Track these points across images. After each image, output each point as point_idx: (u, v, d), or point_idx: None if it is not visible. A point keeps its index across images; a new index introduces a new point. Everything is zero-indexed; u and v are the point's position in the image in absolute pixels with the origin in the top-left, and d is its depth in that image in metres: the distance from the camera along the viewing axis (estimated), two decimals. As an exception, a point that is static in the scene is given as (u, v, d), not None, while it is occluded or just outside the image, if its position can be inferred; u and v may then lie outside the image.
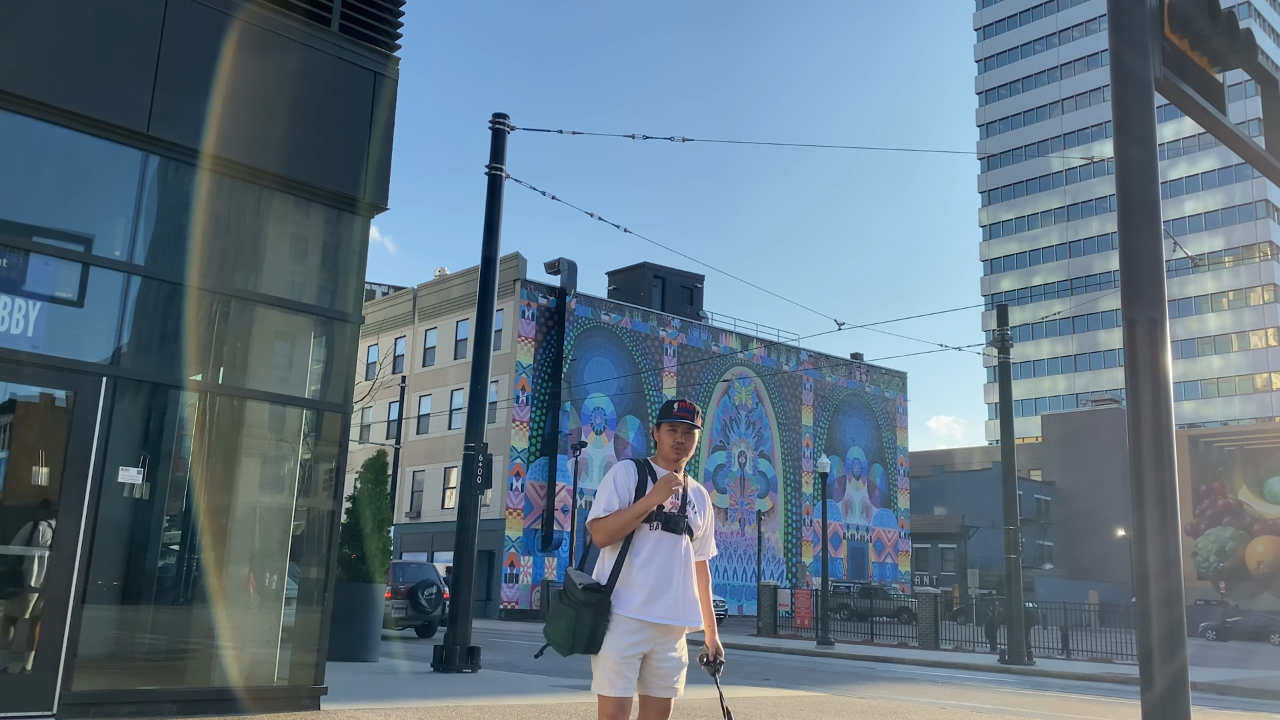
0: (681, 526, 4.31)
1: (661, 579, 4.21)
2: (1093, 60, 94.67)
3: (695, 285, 50.89)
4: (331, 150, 9.19)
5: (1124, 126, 4.60)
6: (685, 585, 4.26)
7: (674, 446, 4.39)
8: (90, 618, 7.60)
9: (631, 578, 4.21)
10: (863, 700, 12.86)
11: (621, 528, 4.25)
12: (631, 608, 4.17)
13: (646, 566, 4.21)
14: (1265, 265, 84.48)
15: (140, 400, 8.44)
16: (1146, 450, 4.23)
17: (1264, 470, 59.01)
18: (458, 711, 9.16)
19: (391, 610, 21.53)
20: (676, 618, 4.21)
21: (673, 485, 4.28)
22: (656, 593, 4.19)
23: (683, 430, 4.40)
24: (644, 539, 4.26)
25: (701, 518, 4.42)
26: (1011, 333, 24.84)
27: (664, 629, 4.21)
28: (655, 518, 4.28)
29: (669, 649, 4.23)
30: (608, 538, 4.29)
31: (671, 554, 4.26)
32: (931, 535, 67.40)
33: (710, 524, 4.51)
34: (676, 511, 4.32)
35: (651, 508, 4.25)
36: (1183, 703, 4.02)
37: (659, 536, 4.27)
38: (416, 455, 45.69)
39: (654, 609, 4.18)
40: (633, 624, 4.16)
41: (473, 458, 14.21)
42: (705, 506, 4.49)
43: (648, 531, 4.27)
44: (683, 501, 4.36)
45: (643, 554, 4.24)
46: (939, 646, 27.16)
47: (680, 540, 4.30)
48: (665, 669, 4.22)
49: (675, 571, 4.24)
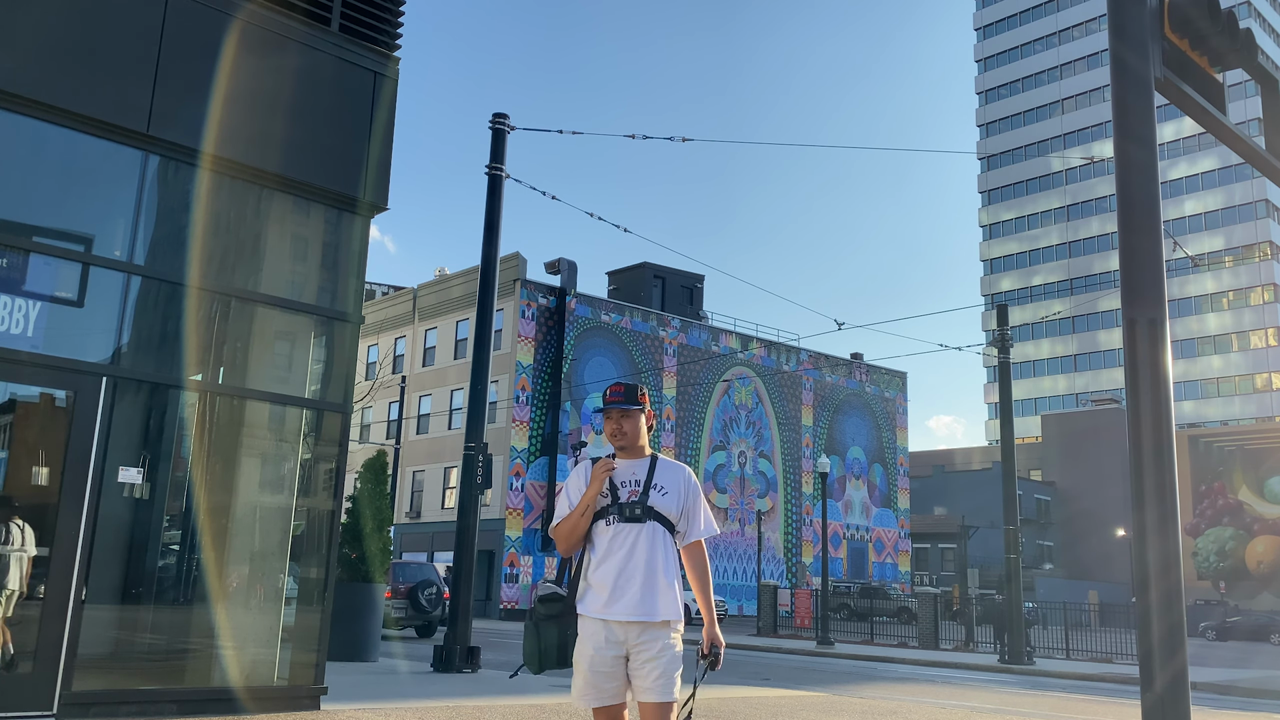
0: (640, 514, 4.00)
1: (623, 574, 3.93)
2: (1093, 60, 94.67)
3: (695, 285, 50.89)
4: (331, 150, 9.19)
5: (1124, 126, 4.60)
6: (653, 577, 3.95)
7: (610, 435, 4.15)
8: (90, 618, 7.60)
9: (592, 577, 3.99)
10: (863, 700, 12.86)
11: (572, 530, 4.04)
12: (594, 609, 3.94)
13: (606, 563, 3.97)
14: (1265, 265, 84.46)
15: (140, 400, 8.44)
16: (1146, 450, 4.23)
17: (1264, 470, 58.99)
18: (458, 711, 9.15)
19: (391, 610, 21.53)
20: (642, 613, 3.90)
21: (605, 469, 4.03)
22: (620, 589, 3.92)
23: (617, 415, 4.13)
24: (601, 535, 4.03)
25: (674, 498, 4.08)
26: (1011, 333, 24.83)
27: (637, 627, 3.91)
28: (611, 510, 4.03)
29: (649, 649, 3.91)
30: (566, 544, 4.08)
31: (634, 545, 3.96)
32: (931, 535, 67.38)
33: (693, 502, 4.13)
34: (635, 498, 4.03)
35: (590, 503, 4.02)
36: (1183, 703, 4.02)
37: (616, 529, 4.00)
38: (416, 455, 45.69)
39: (616, 607, 3.91)
40: (596, 625, 3.93)
41: (473, 458, 14.21)
42: (680, 485, 4.13)
43: (604, 527, 4.03)
44: (645, 486, 4.06)
45: (600, 550, 4.00)
46: (939, 646, 27.16)
47: (643, 529, 3.99)
48: (648, 671, 3.89)
49: (639, 564, 3.94)
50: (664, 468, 4.15)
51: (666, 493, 4.08)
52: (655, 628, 3.93)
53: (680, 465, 4.22)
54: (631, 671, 3.92)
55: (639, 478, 4.09)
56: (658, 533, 4.02)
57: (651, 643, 3.91)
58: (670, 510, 4.06)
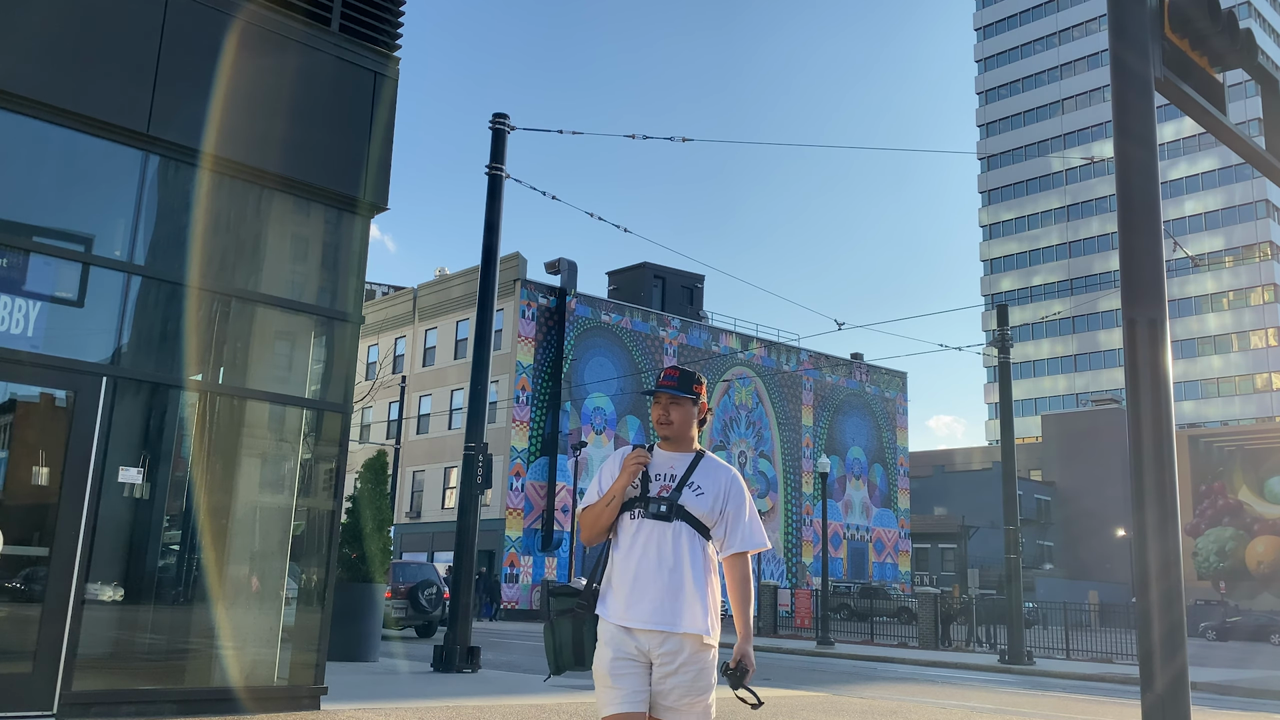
0: (666, 511, 3.63)
1: (642, 575, 3.57)
2: (1093, 60, 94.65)
3: (695, 285, 50.90)
4: (332, 150, 9.19)
5: (1124, 126, 4.59)
6: (678, 583, 3.56)
7: (656, 421, 3.82)
8: (90, 618, 7.60)
9: (613, 576, 3.66)
10: (863, 700, 12.86)
11: (596, 519, 3.70)
12: (614, 613, 3.60)
13: (627, 561, 3.61)
14: (1265, 265, 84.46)
15: (140, 400, 8.44)
16: (1146, 450, 4.23)
17: (1264, 470, 58.98)
18: (458, 711, 9.15)
19: (391, 610, 21.53)
20: (662, 622, 3.53)
21: (636, 463, 3.69)
22: (638, 592, 3.56)
23: (665, 400, 3.79)
24: (625, 530, 3.68)
25: (709, 500, 3.68)
26: (1011, 333, 24.83)
27: (658, 636, 3.54)
28: (638, 504, 3.68)
29: (674, 661, 3.53)
30: (588, 533, 3.75)
31: (659, 545, 3.59)
32: (931, 535, 67.34)
33: (734, 508, 3.71)
34: (667, 494, 3.66)
35: (620, 492, 3.67)
36: (1183, 703, 4.02)
37: (640, 525, 3.64)
38: (416, 455, 45.69)
39: (633, 612, 3.56)
40: (614, 631, 3.57)
41: (473, 458, 14.21)
42: (720, 487, 3.72)
43: (629, 521, 3.68)
44: (680, 483, 3.68)
45: (623, 547, 3.66)
46: (939, 647, 27.16)
47: (670, 528, 3.61)
48: (669, 688, 3.54)
49: (663, 566, 3.57)
50: (707, 466, 3.77)
51: (702, 493, 3.68)
52: (679, 639, 3.55)
53: (727, 467, 3.81)
54: (655, 686, 3.56)
55: (676, 473, 3.72)
56: (689, 535, 3.64)
57: (674, 656, 3.54)
58: (703, 513, 3.66)
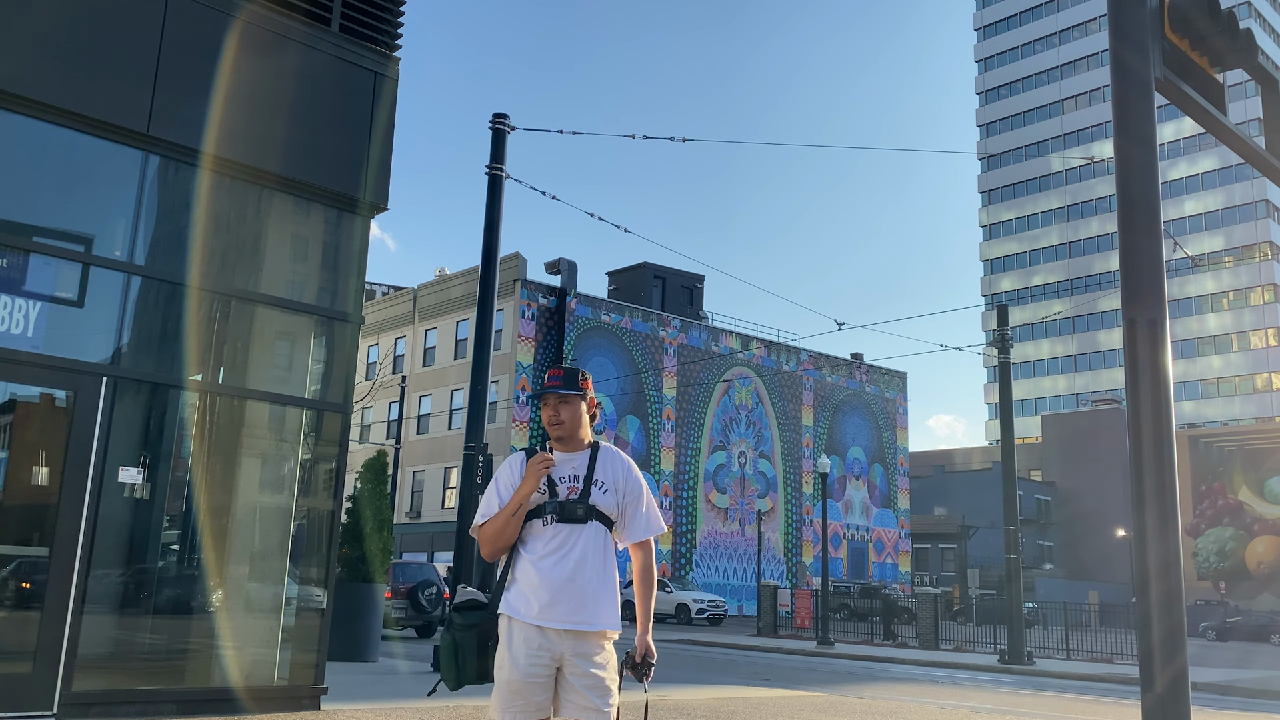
0: (582, 514, 3.63)
1: (562, 578, 3.56)
2: (1093, 60, 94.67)
3: (695, 285, 50.92)
4: (332, 150, 9.19)
5: (1124, 126, 4.59)
6: (594, 583, 3.60)
7: (547, 423, 3.76)
8: (90, 618, 7.60)
9: (524, 578, 3.61)
10: (863, 700, 12.86)
11: (499, 532, 3.63)
12: (528, 613, 3.55)
13: (542, 564, 3.58)
14: (1265, 265, 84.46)
15: (140, 400, 8.43)
16: (1146, 450, 4.23)
17: (1264, 470, 58.98)
18: (458, 712, 9.15)
19: (391, 610, 21.53)
20: (581, 622, 3.55)
21: (540, 467, 3.64)
22: (559, 595, 3.55)
23: (554, 400, 3.74)
24: (537, 536, 3.64)
25: (613, 495, 3.71)
26: (1011, 333, 24.83)
27: (572, 637, 3.55)
28: (548, 509, 3.63)
29: (586, 662, 3.55)
30: (491, 548, 3.66)
31: (578, 548, 3.60)
32: (931, 535, 67.35)
33: (633, 497, 3.75)
34: (575, 496, 3.65)
35: (524, 500, 3.62)
36: (1183, 703, 4.02)
37: (555, 530, 3.62)
38: (416, 455, 45.69)
39: (552, 613, 3.54)
40: (529, 631, 3.54)
41: (473, 458, 14.21)
42: (622, 480, 3.75)
43: (541, 527, 3.64)
44: (585, 482, 3.68)
45: (536, 551, 3.62)
46: (939, 646, 27.16)
47: (584, 530, 3.63)
48: (583, 686, 3.54)
49: (581, 568, 3.58)
50: (605, 460, 3.77)
51: (607, 489, 3.72)
52: (592, 638, 3.59)
53: (619, 454, 3.84)
54: (565, 687, 3.57)
55: (579, 473, 3.72)
56: (600, 534, 3.67)
57: (588, 655, 3.57)
58: (610, 507, 3.71)
